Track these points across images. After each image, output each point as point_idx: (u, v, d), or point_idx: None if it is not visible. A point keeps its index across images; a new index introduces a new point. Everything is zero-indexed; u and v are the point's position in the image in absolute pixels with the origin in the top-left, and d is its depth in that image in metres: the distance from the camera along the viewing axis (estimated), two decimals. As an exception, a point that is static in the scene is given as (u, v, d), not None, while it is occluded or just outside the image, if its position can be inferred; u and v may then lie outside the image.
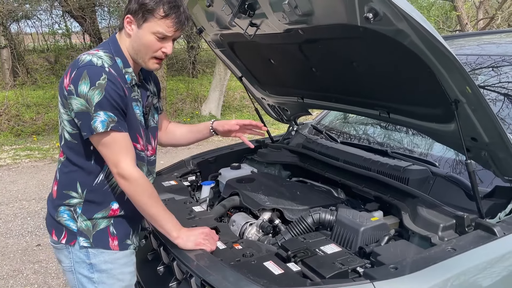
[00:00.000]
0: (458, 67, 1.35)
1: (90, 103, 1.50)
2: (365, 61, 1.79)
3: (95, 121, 1.51)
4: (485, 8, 13.07)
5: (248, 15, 1.83)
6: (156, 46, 1.60)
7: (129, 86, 1.63)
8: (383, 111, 1.99)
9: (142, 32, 1.59)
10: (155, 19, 1.56)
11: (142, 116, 1.72)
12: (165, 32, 1.57)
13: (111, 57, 1.60)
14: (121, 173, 1.56)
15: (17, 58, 11.98)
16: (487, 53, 2.67)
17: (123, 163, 1.56)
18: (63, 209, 1.67)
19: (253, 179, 2.40)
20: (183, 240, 1.64)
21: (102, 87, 1.50)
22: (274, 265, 1.52)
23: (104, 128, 1.51)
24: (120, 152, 1.56)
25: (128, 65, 1.65)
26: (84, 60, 1.55)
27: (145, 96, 1.76)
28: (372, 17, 1.33)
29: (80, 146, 1.62)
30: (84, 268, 1.67)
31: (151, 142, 1.84)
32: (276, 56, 2.28)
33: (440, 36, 1.32)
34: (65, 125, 1.62)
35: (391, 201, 1.95)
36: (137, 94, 1.69)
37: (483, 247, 1.44)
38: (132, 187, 1.58)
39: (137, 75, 1.72)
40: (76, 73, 1.52)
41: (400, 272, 1.33)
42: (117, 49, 1.63)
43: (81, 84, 1.50)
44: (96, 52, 1.59)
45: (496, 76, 2.41)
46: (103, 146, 1.56)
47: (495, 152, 1.60)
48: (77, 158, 1.64)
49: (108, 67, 1.55)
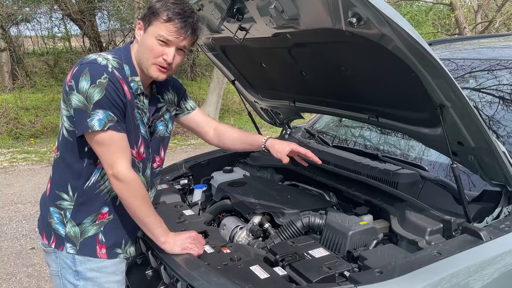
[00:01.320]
0: (441, 72, 1.35)
1: (89, 101, 1.48)
2: (353, 65, 1.79)
3: (92, 119, 1.48)
4: (483, 11, 13.09)
5: (237, 19, 1.84)
6: (158, 50, 1.56)
7: (133, 92, 1.61)
8: (371, 115, 1.99)
9: (146, 36, 1.57)
10: (158, 23, 1.54)
11: (142, 124, 1.68)
12: (166, 35, 1.53)
13: (119, 63, 1.58)
14: (116, 174, 1.53)
15: (16, 61, 12.03)
16: (483, 57, 2.67)
17: (118, 164, 1.53)
18: (54, 210, 1.65)
19: (244, 183, 2.40)
20: (170, 244, 1.64)
21: (103, 86, 1.48)
22: (260, 269, 1.52)
23: (101, 127, 1.49)
24: (116, 153, 1.53)
25: (136, 73, 1.62)
26: (89, 58, 1.54)
27: (152, 110, 1.73)
28: (355, 22, 1.34)
29: (75, 145, 1.60)
30: (70, 275, 1.66)
31: (159, 154, 1.81)
32: (267, 60, 2.28)
33: (424, 41, 1.33)
34: (64, 120, 1.60)
35: (380, 205, 1.96)
36: (142, 104, 1.66)
37: (469, 251, 1.44)
38: (125, 189, 1.56)
39: (147, 87, 1.70)
40: (78, 69, 1.51)
41: (385, 276, 1.33)
42: (127, 57, 1.62)
43: (82, 80, 1.48)
44: (104, 54, 1.58)
45: (492, 80, 2.41)
46: (99, 145, 1.53)
47: (481, 157, 1.61)
48: (70, 157, 1.62)
49: (112, 69, 1.53)
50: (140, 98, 1.65)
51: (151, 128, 1.74)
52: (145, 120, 1.69)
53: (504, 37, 3.46)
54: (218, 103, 10.47)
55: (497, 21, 12.51)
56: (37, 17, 13.88)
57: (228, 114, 11.20)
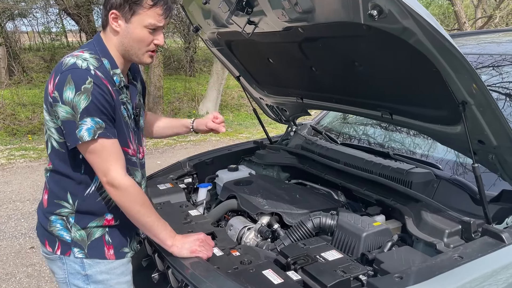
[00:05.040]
0: (466, 67, 1.29)
1: (76, 110, 1.41)
2: (368, 60, 1.73)
3: (81, 129, 1.42)
4: (482, 7, 13.05)
5: (246, 13, 1.77)
6: (149, 39, 1.53)
7: (117, 89, 1.54)
8: (385, 112, 1.93)
9: (132, 27, 1.51)
10: (144, 10, 1.48)
11: (132, 119, 1.64)
12: (157, 22, 1.51)
13: (97, 58, 1.51)
14: (110, 181, 1.48)
15: (12, 57, 11.89)
16: (487, 52, 2.61)
17: (112, 171, 1.47)
18: (55, 218, 1.59)
19: (251, 182, 2.34)
20: (178, 248, 1.58)
21: (89, 91, 1.42)
22: (273, 273, 1.47)
23: (90, 136, 1.43)
24: (109, 159, 1.48)
25: (116, 66, 1.56)
26: (67, 63, 1.46)
27: (135, 96, 1.68)
28: (376, 15, 1.27)
29: (68, 156, 1.54)
30: (79, 280, 1.61)
31: (142, 144, 1.77)
32: (275, 55, 2.21)
33: (448, 34, 1.26)
34: (52, 132, 1.53)
35: (393, 205, 1.90)
36: (126, 96, 1.61)
37: (492, 255, 1.39)
38: (122, 196, 1.50)
39: (125, 76, 1.64)
40: (59, 78, 1.44)
41: (405, 282, 1.28)
42: (103, 49, 1.54)
43: (66, 90, 1.41)
44: (80, 54, 1.50)
45: (497, 76, 2.36)
46: (91, 154, 1.47)
47: (503, 156, 1.55)
48: (65, 167, 1.56)
49: (94, 70, 1.46)
50: (123, 90, 1.59)
51: (137, 118, 1.70)
52: (130, 113, 1.63)
53: (504, 32, 3.41)
54: (218, 98, 10.41)
55: (496, 16, 12.47)
56: (33, 12, 13.73)
57: (227, 110, 11.13)
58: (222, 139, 8.32)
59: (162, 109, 9.87)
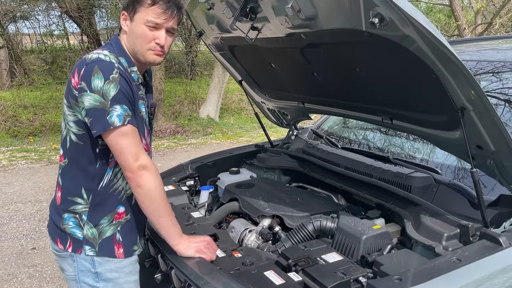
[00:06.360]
0: (465, 74, 1.32)
1: (106, 98, 1.47)
2: (369, 66, 1.76)
3: (112, 115, 1.47)
4: (482, 13, 13.10)
5: (249, 19, 1.80)
6: (149, 36, 1.57)
7: (136, 84, 1.61)
8: (385, 117, 1.96)
9: (135, 24, 1.58)
10: (144, 8, 1.55)
11: (147, 116, 1.71)
12: (154, 19, 1.55)
13: (115, 57, 1.58)
14: (144, 164, 1.52)
15: (14, 59, 11.93)
16: (487, 58, 2.65)
17: (143, 154, 1.54)
18: (68, 216, 1.63)
19: (252, 184, 2.37)
20: (183, 246, 1.62)
21: (116, 80, 1.48)
22: (275, 274, 1.49)
23: (121, 122, 1.48)
24: (139, 145, 1.55)
25: (132, 64, 1.63)
26: (91, 57, 1.53)
27: (150, 96, 1.75)
28: (378, 22, 1.30)
29: (86, 148, 1.59)
30: (89, 277, 1.64)
31: (151, 144, 1.82)
32: (277, 60, 2.25)
33: (447, 41, 1.29)
34: (70, 127, 1.58)
35: (393, 209, 1.92)
36: (142, 93, 1.68)
37: (489, 258, 1.41)
38: (153, 178, 1.55)
39: (142, 75, 1.71)
40: (85, 69, 1.49)
41: (404, 284, 1.30)
42: (120, 49, 1.62)
43: (94, 79, 1.47)
44: (101, 51, 1.57)
45: (496, 82, 2.39)
46: (121, 139, 1.50)
47: (501, 161, 1.58)
48: (82, 160, 1.60)
49: (117, 63, 1.54)
50: (141, 87, 1.66)
51: (151, 117, 1.75)
52: (146, 109, 1.70)
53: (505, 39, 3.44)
54: (219, 102, 10.44)
55: (496, 23, 12.51)
56: (35, 15, 13.79)
57: (227, 114, 11.16)
58: (223, 143, 8.35)
59: (163, 112, 9.90)
